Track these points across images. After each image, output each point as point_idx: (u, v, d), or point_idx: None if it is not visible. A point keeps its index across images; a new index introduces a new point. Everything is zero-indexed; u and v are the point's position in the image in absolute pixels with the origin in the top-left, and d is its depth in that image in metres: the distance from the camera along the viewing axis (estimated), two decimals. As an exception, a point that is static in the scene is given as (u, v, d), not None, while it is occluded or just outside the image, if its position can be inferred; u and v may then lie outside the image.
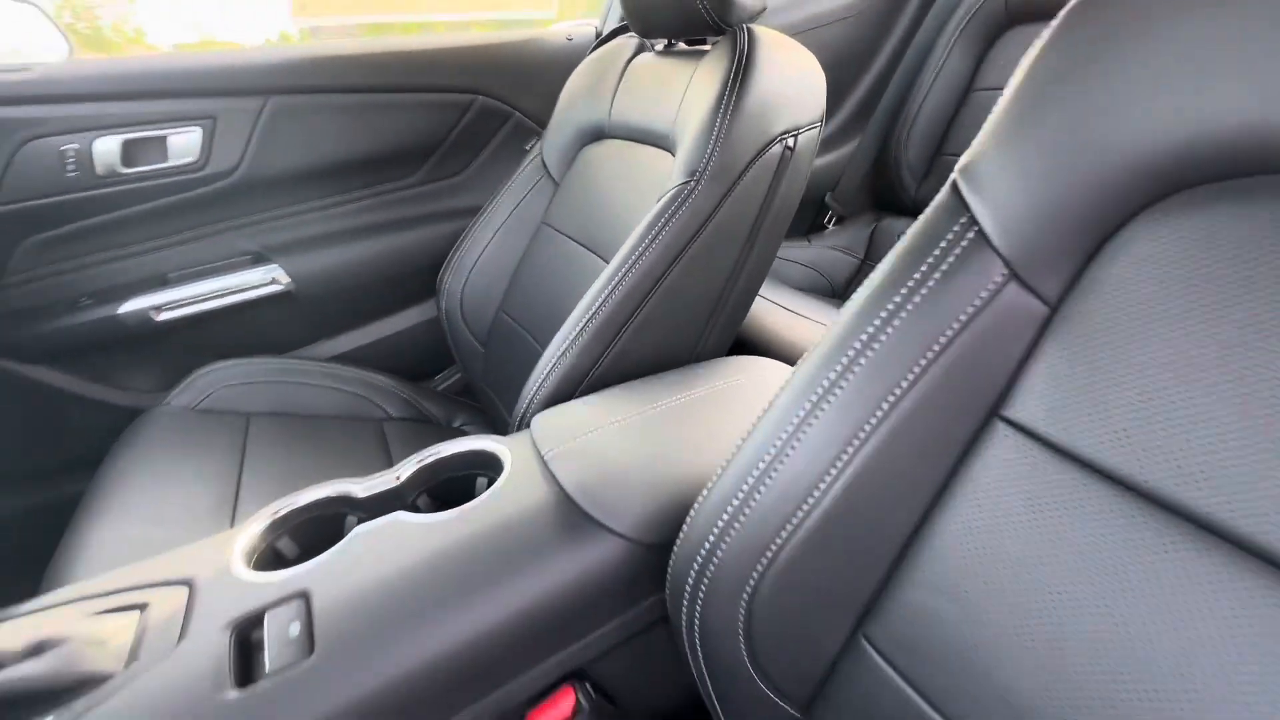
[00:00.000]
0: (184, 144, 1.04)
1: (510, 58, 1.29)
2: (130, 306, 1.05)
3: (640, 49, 0.94)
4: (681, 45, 0.87)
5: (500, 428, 1.01)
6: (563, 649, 0.49)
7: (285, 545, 0.54)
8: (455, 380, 1.36)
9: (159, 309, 1.06)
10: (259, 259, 1.16)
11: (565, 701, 0.50)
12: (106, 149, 0.99)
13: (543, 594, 0.47)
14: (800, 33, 1.33)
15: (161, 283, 1.09)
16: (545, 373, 0.71)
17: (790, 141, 0.72)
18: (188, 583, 0.47)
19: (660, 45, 0.90)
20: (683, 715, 0.60)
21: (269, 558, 0.52)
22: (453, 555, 0.48)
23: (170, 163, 1.04)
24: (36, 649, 0.41)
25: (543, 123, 1.24)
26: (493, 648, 0.45)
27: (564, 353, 0.71)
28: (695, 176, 0.69)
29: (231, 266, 1.14)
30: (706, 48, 0.82)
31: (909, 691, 0.35)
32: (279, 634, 0.43)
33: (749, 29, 0.75)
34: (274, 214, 1.18)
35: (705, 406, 0.66)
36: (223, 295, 1.12)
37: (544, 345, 0.76)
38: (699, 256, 0.71)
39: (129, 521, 0.73)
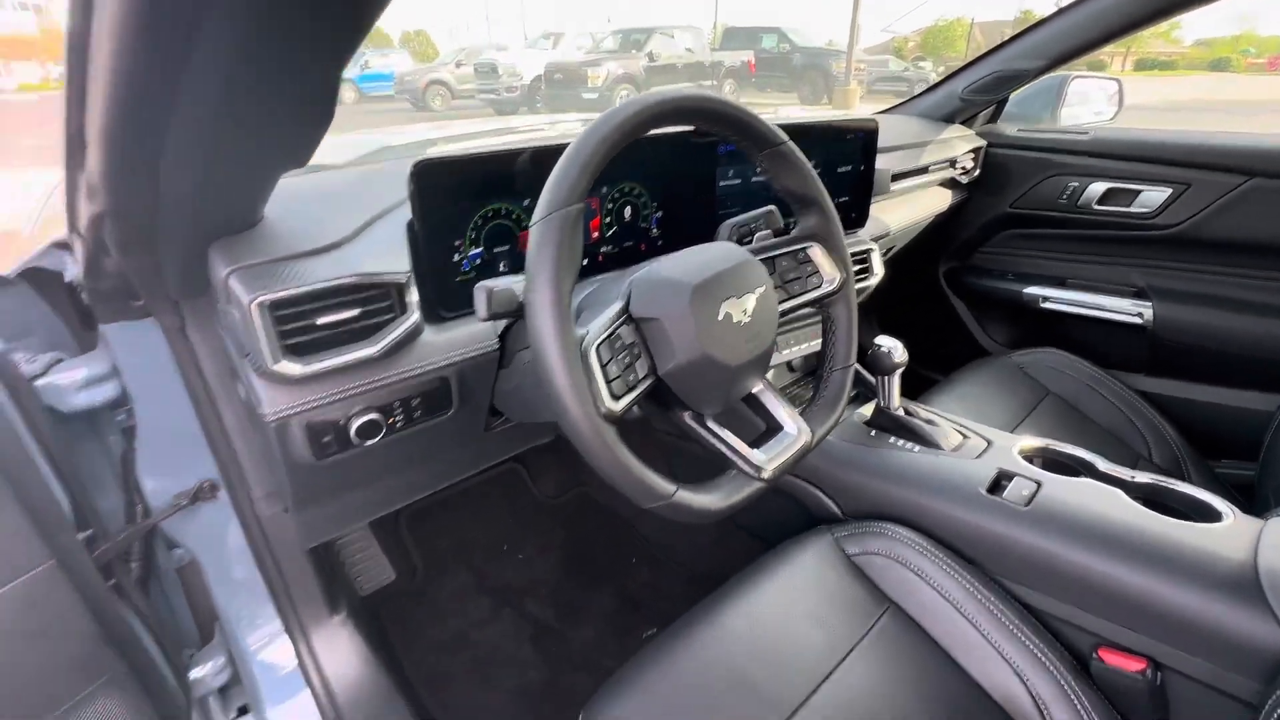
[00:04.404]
0: (1151, 198, 1.36)
1: None
2: (1032, 290, 1.55)
3: None
4: None
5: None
6: (1158, 641, 0.69)
7: (1029, 460, 0.89)
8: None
9: (1048, 299, 1.52)
10: (1140, 294, 1.42)
11: (1137, 663, 0.71)
12: (1094, 191, 1.42)
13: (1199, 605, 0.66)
14: None
15: (1060, 284, 1.53)
16: None
17: None
18: (989, 441, 0.91)
19: None
20: None
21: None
22: (1136, 526, 0.73)
23: (1130, 209, 1.39)
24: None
25: None
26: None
27: None
28: None
29: (1115, 290, 1.46)
30: None
31: None
32: (1014, 489, 0.81)
33: None
34: (1178, 265, 1.40)
35: None
36: (1096, 308, 1.47)
37: None
38: None
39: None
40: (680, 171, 0.92)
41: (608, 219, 0.86)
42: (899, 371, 0.95)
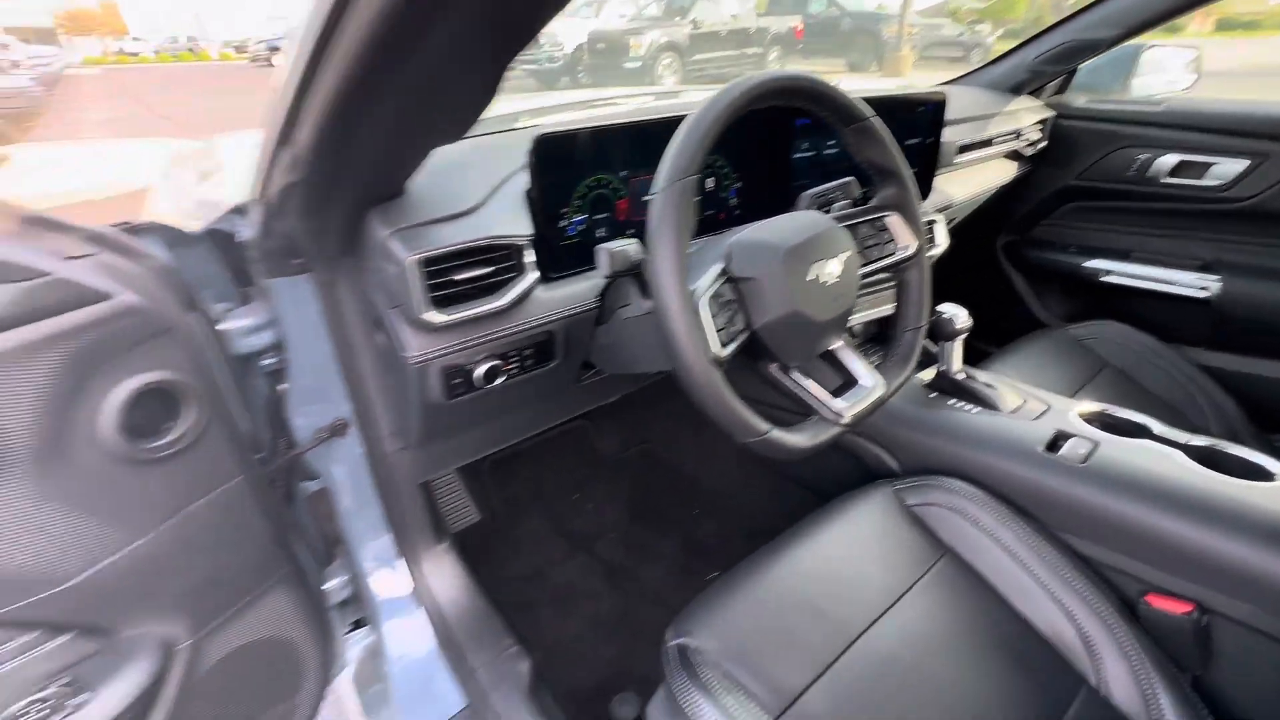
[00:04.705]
0: (1224, 170, 1.35)
1: None
2: (1093, 263, 1.56)
3: None
4: None
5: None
6: (1205, 587, 0.74)
7: (1087, 422, 0.94)
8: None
9: (1109, 273, 1.53)
10: (1205, 268, 1.42)
11: (1184, 607, 0.77)
12: (1164, 163, 1.42)
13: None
14: None
15: (1123, 257, 1.53)
16: None
17: None
18: (1048, 405, 0.96)
19: None
20: None
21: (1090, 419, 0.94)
22: (1195, 487, 0.77)
23: (1202, 182, 1.38)
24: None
25: None
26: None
27: None
28: None
29: (1179, 264, 1.46)
30: None
31: None
32: (1071, 448, 0.86)
33: None
34: (1249, 239, 1.39)
35: None
36: (1158, 281, 1.47)
37: None
38: None
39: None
40: (759, 145, 0.97)
41: (692, 189, 0.93)
42: (961, 338, 1.00)
